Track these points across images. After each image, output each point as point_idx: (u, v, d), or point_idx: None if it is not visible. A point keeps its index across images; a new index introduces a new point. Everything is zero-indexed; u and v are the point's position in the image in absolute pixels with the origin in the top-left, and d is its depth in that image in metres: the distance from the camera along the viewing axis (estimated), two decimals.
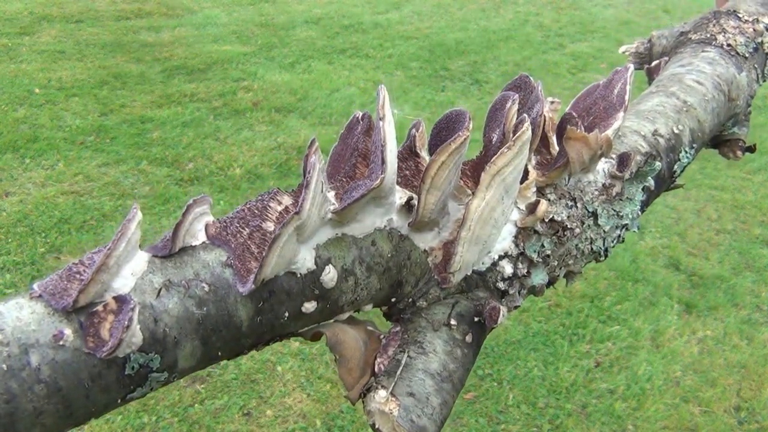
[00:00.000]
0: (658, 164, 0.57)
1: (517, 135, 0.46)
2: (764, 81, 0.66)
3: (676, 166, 0.59)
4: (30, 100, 4.61)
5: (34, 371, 0.34)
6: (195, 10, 6.80)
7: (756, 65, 0.65)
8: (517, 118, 0.48)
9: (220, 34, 6.18)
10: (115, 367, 0.37)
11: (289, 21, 6.72)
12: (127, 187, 3.75)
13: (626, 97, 0.54)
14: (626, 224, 0.56)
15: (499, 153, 0.45)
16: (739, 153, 0.67)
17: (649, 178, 0.56)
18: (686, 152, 0.60)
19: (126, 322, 0.36)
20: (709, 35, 0.64)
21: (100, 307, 0.37)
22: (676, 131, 0.59)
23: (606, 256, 0.56)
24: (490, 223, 0.47)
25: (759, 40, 0.64)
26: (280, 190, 0.46)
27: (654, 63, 0.68)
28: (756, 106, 5.35)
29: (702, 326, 3.06)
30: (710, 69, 0.63)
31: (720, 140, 0.67)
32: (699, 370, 2.80)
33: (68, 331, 0.36)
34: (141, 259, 0.41)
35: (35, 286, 0.38)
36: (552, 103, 0.56)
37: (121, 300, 0.37)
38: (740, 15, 0.64)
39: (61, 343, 0.36)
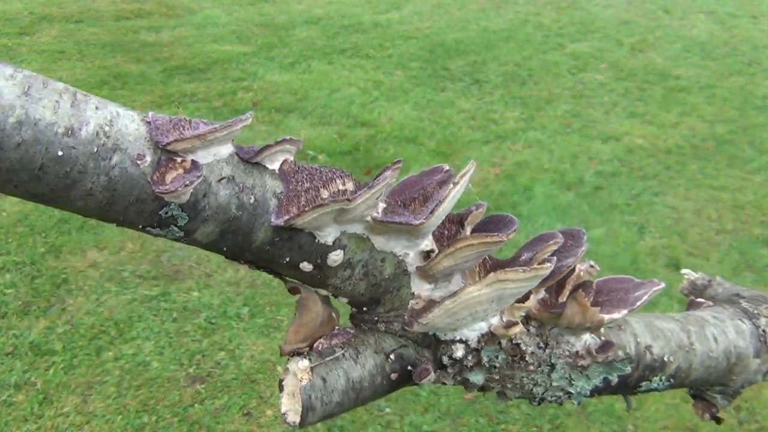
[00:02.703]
0: (629, 369, 0.62)
1: (536, 267, 0.52)
2: (767, 380, 0.69)
3: (644, 384, 0.64)
4: None
5: (109, 165, 0.43)
6: (195, 10, 6.80)
7: None
8: (549, 256, 0.55)
9: (220, 34, 6.18)
10: (156, 203, 0.46)
11: (289, 21, 6.72)
12: None
13: (638, 304, 0.59)
14: (571, 393, 0.61)
15: (514, 268, 0.52)
16: (706, 416, 0.71)
17: (616, 374, 0.61)
18: (661, 381, 0.64)
19: (187, 182, 0.44)
20: (755, 311, 0.68)
21: (178, 159, 0.45)
22: (665, 359, 0.64)
23: (538, 403, 0.61)
24: (471, 311, 0.53)
25: None
26: (351, 176, 0.52)
27: (699, 300, 0.72)
28: (756, 106, 5.35)
29: None
30: (733, 337, 0.66)
31: (699, 395, 0.70)
32: None
33: (148, 158, 0.45)
34: (227, 150, 0.48)
35: (150, 113, 0.46)
36: (591, 266, 0.61)
37: (194, 166, 0.46)
38: (764, 328, 0.68)
39: (138, 162, 0.44)
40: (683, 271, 0.78)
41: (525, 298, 0.57)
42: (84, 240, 3.30)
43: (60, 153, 0.41)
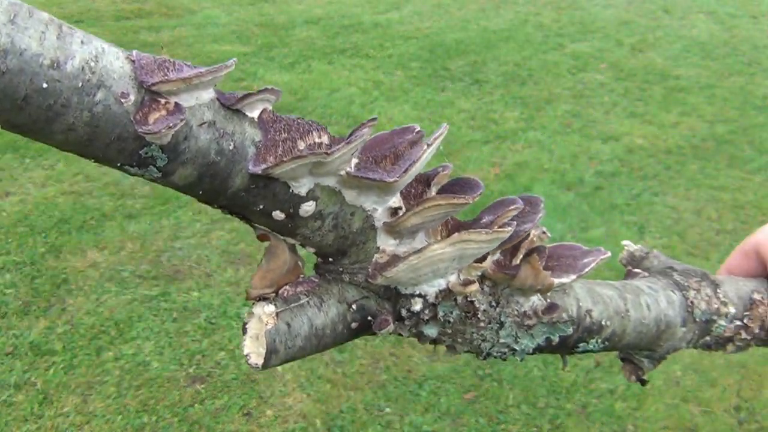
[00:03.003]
0: (570, 330, 0.66)
1: (497, 230, 0.55)
2: (691, 347, 0.75)
3: (581, 345, 0.68)
4: None
5: (93, 101, 0.43)
6: (195, 10, 6.80)
7: (696, 332, 0.73)
8: (509, 220, 0.58)
9: (220, 34, 6.18)
10: (137, 143, 0.46)
11: (289, 21, 6.72)
12: (127, 187, 3.75)
13: (586, 270, 0.63)
14: (515, 349, 0.65)
15: (477, 230, 0.55)
16: (632, 378, 0.77)
17: (558, 334, 0.65)
18: (597, 343, 0.69)
19: (170, 124, 0.44)
20: (686, 284, 0.73)
21: (162, 101, 0.46)
22: (603, 323, 0.68)
23: (484, 358, 0.65)
24: (433, 268, 0.56)
25: (713, 318, 0.73)
26: (326, 129, 0.54)
27: (636, 271, 0.78)
28: (756, 106, 5.35)
29: None
30: (664, 306, 0.71)
31: (628, 358, 0.76)
32: (699, 369, 2.80)
33: (132, 97, 0.45)
34: (209, 95, 0.49)
35: (135, 52, 0.47)
36: (543, 233, 0.65)
37: (177, 108, 0.46)
38: (719, 291, 0.74)
39: (122, 100, 0.44)
40: (623, 242, 0.83)
41: (482, 258, 0.60)
42: (84, 240, 3.30)
43: (45, 85, 0.41)
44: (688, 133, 4.90)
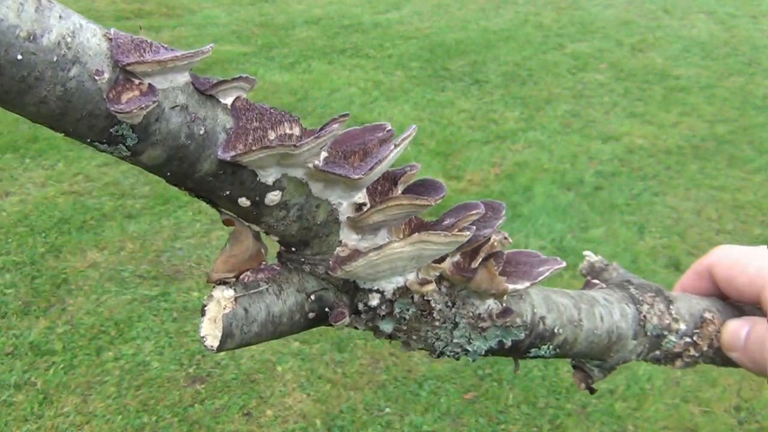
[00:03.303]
0: (522, 335, 0.67)
1: (456, 233, 0.56)
2: (641, 360, 0.77)
3: (533, 350, 0.70)
4: None
5: (67, 76, 0.43)
6: (195, 10, 6.80)
7: (646, 345, 0.75)
8: (470, 224, 0.59)
9: (220, 34, 6.17)
10: (108, 120, 0.46)
11: (289, 21, 6.72)
12: (127, 187, 3.75)
13: (540, 278, 0.64)
14: (468, 350, 0.67)
15: (437, 231, 0.56)
16: (582, 385, 0.78)
17: (510, 338, 0.67)
18: (548, 349, 0.70)
19: (142, 105, 0.44)
20: (641, 298, 0.75)
21: (136, 81, 0.46)
22: (555, 331, 0.69)
23: (438, 356, 0.67)
24: (391, 265, 0.57)
25: (664, 333, 0.75)
26: (299, 120, 0.54)
27: (594, 282, 0.80)
28: (756, 106, 5.35)
29: None
30: (618, 318, 0.73)
31: (579, 366, 0.78)
32: (699, 370, 2.80)
33: (106, 75, 0.45)
34: (184, 78, 0.49)
35: (113, 30, 0.47)
36: (505, 238, 0.66)
37: (151, 90, 0.46)
38: (671, 308, 0.75)
39: (96, 78, 0.44)
40: (585, 252, 0.85)
41: (442, 259, 0.61)
42: (84, 240, 3.30)
43: (19, 57, 0.41)
44: (688, 133, 4.90)
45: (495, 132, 4.74)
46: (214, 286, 0.58)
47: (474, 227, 0.58)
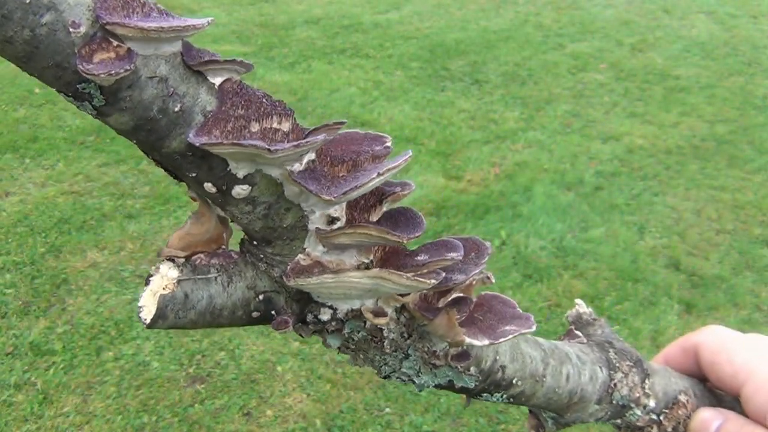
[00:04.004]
0: (473, 385, 0.65)
1: (419, 279, 0.53)
2: (599, 423, 0.76)
3: (486, 394, 0.68)
4: (30, 100, 4.61)
5: (37, 21, 0.40)
6: (195, 10, 6.80)
7: (609, 413, 0.73)
8: (439, 270, 0.55)
9: (220, 34, 6.17)
10: (76, 76, 0.43)
11: (289, 21, 6.72)
12: (127, 187, 3.75)
13: (501, 340, 0.61)
14: (414, 381, 0.65)
15: (399, 273, 0.52)
16: (532, 431, 0.77)
17: (460, 384, 0.65)
18: (501, 396, 0.68)
19: (112, 71, 0.41)
20: (617, 365, 0.73)
21: (114, 42, 0.43)
22: (514, 382, 0.67)
23: (383, 377, 0.65)
24: (345, 291, 0.55)
25: (630, 405, 0.73)
26: (292, 114, 0.50)
27: (576, 333, 0.78)
28: (756, 106, 5.35)
29: (702, 326, 3.06)
30: (585, 380, 0.71)
31: (534, 413, 0.77)
32: None
33: (83, 29, 0.42)
34: (172, 48, 0.46)
35: None
36: (488, 278, 0.64)
37: (129, 55, 0.42)
38: (646, 382, 0.73)
39: (71, 30, 0.41)
40: (576, 300, 0.83)
41: (406, 294, 0.59)
42: (84, 240, 3.30)
43: None
44: (688, 133, 4.90)
45: (495, 132, 4.74)
46: (164, 259, 0.55)
47: (442, 274, 0.55)
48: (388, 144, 0.58)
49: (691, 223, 3.83)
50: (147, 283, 0.54)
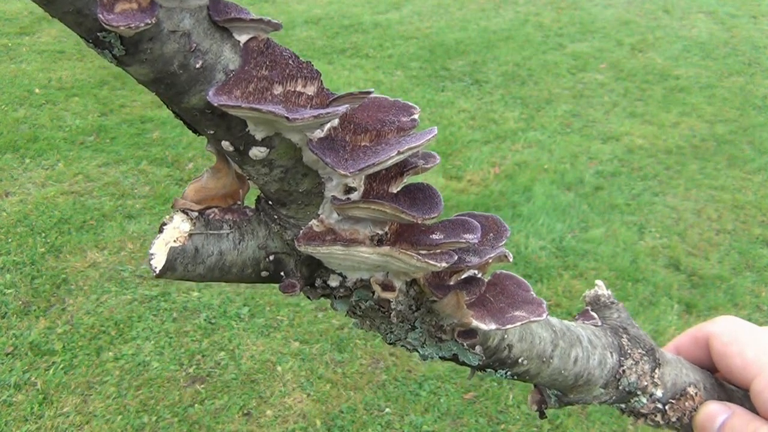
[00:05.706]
0: (476, 363, 0.65)
1: (430, 261, 0.52)
2: (607, 404, 0.76)
3: (490, 370, 0.68)
4: (30, 100, 4.61)
5: None
6: None
7: (613, 397, 0.74)
8: (452, 252, 0.54)
9: None
10: (97, 24, 0.41)
11: (289, 21, 6.71)
12: (127, 187, 3.75)
13: (508, 326, 0.60)
14: (419, 353, 0.65)
15: (409, 253, 0.51)
16: (534, 407, 0.77)
17: (463, 359, 0.65)
18: (505, 374, 0.69)
19: (132, 24, 0.40)
20: (629, 352, 0.73)
21: None
22: (519, 361, 0.67)
23: (389, 344, 0.65)
24: (354, 265, 0.55)
25: (636, 392, 0.73)
26: (318, 77, 0.48)
27: (592, 314, 0.77)
28: (756, 106, 5.35)
29: None
30: (593, 364, 0.71)
31: (539, 388, 0.77)
32: None
33: None
34: (198, 1, 0.44)
35: None
36: (505, 256, 0.62)
37: (151, 7, 0.41)
38: (656, 372, 0.73)
39: None
40: (597, 282, 0.81)
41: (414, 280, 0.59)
42: (84, 240, 3.30)
43: None
44: (688, 133, 4.90)
45: (495, 132, 4.74)
46: (179, 211, 0.54)
47: (455, 256, 0.54)
48: (416, 116, 0.57)
49: (691, 223, 3.83)
50: (161, 231, 0.53)
